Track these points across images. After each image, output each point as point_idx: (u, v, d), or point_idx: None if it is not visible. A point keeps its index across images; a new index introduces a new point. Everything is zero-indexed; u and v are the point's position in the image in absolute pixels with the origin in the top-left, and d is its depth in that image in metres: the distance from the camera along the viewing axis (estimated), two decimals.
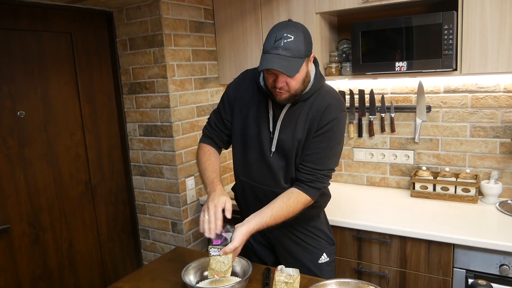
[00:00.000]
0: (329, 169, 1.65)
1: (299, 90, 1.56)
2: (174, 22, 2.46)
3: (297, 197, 1.60)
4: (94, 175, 2.56)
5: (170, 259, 1.84)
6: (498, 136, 2.29)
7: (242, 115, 1.72)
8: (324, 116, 1.59)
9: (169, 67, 2.45)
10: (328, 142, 1.61)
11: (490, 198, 2.25)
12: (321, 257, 1.81)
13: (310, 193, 1.61)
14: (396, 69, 2.13)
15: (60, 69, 2.35)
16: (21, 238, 2.20)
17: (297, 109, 1.63)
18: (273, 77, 1.51)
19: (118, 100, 2.69)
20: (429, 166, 2.51)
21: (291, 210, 1.58)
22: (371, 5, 2.18)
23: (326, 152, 1.62)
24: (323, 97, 1.62)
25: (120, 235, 2.76)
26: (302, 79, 1.53)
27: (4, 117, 2.10)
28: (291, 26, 1.46)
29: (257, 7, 2.53)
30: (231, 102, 1.77)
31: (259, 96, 1.69)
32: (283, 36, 1.43)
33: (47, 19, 2.27)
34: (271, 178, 1.70)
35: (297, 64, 1.45)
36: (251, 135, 1.70)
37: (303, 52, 1.46)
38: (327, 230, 1.87)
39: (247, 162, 1.74)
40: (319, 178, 1.62)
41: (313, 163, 1.61)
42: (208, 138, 1.85)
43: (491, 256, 1.83)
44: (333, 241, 1.88)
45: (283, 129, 1.64)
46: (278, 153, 1.67)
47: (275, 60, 1.42)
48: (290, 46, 1.42)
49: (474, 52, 1.97)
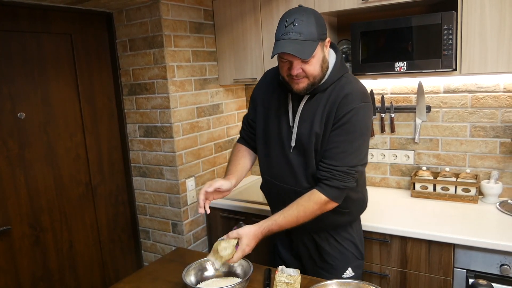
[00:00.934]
0: (350, 166, 1.50)
1: (318, 77, 1.48)
2: (174, 23, 2.46)
3: (310, 196, 1.51)
4: (94, 176, 2.56)
5: (170, 260, 1.84)
6: (498, 136, 2.29)
7: (264, 113, 1.70)
8: (340, 107, 1.49)
9: (169, 68, 2.45)
10: (347, 135, 1.49)
11: (490, 198, 2.25)
12: (345, 272, 1.71)
13: (327, 192, 1.50)
14: (396, 69, 2.14)
15: (60, 70, 2.35)
16: (22, 239, 2.20)
17: (315, 101, 1.55)
18: (287, 64, 1.46)
19: (118, 101, 2.69)
20: (429, 166, 2.51)
21: (301, 209, 1.49)
22: (370, 5, 2.18)
23: (345, 146, 1.49)
24: (342, 87, 1.52)
25: (121, 236, 2.76)
26: (319, 64, 1.46)
27: (4, 119, 2.11)
28: (301, 11, 1.42)
29: (256, 8, 2.53)
30: (254, 102, 1.76)
31: (279, 91, 1.65)
32: (293, 20, 1.39)
33: (47, 21, 2.28)
34: (291, 176, 1.63)
35: (311, 47, 1.39)
36: (272, 131, 1.66)
37: (316, 35, 1.40)
38: (358, 242, 1.76)
39: (269, 160, 1.70)
40: (336, 176, 1.49)
41: (330, 159, 1.50)
42: (241, 138, 1.88)
43: (492, 256, 1.83)
44: (362, 255, 1.77)
45: (302, 123, 1.57)
46: (298, 149, 1.60)
47: (287, 44, 1.37)
48: (301, 29, 1.38)
49: (473, 52, 1.97)
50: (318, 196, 1.50)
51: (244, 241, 1.46)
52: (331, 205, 1.53)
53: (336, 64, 1.55)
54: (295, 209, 1.51)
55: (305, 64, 1.44)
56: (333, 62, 1.55)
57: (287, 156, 1.63)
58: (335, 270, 1.71)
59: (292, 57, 1.41)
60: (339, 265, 1.71)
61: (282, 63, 1.49)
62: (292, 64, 1.44)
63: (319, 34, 1.42)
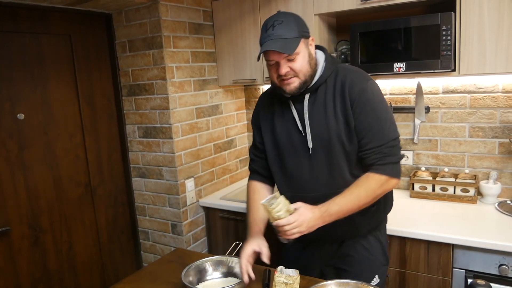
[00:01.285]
0: (393, 139, 1.50)
1: (308, 74, 1.49)
2: (173, 24, 2.47)
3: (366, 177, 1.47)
4: (93, 177, 2.56)
5: (170, 260, 1.85)
6: (497, 136, 2.30)
7: (270, 130, 1.66)
8: (351, 91, 1.49)
9: (168, 69, 2.45)
10: (373, 114, 1.49)
11: (489, 198, 2.26)
12: (373, 279, 1.65)
13: (384, 171, 1.47)
14: (395, 70, 2.14)
15: (60, 71, 2.35)
16: (21, 240, 2.20)
17: (319, 95, 1.54)
18: (275, 66, 1.48)
19: (118, 102, 2.69)
20: (428, 166, 2.52)
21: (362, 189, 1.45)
22: (369, 6, 2.18)
23: (378, 125, 1.48)
24: (343, 74, 1.53)
25: (120, 237, 2.76)
26: (306, 60, 1.47)
27: (3, 120, 2.11)
28: (279, 14, 1.47)
29: (255, 9, 2.54)
30: (257, 126, 1.73)
31: (279, 103, 1.63)
32: (273, 23, 1.43)
33: (47, 22, 2.28)
34: (318, 181, 1.57)
35: (294, 43, 1.42)
36: (283, 144, 1.62)
37: (297, 32, 1.43)
38: (385, 246, 1.71)
39: (288, 175, 1.63)
40: (386, 153, 1.48)
41: (372, 142, 1.48)
42: (253, 173, 1.78)
43: (490, 256, 1.83)
44: (387, 260, 1.71)
45: (314, 123, 1.54)
46: (318, 150, 1.55)
47: (270, 43, 1.41)
48: (281, 29, 1.42)
49: (472, 53, 1.98)
50: (377, 176, 1.47)
51: (301, 210, 1.39)
52: (392, 182, 1.50)
53: (327, 58, 1.57)
54: (354, 189, 1.46)
55: (291, 62, 1.45)
56: (323, 58, 1.57)
57: (307, 162, 1.57)
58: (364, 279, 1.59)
59: (278, 56, 1.43)
60: (366, 274, 1.64)
61: (270, 67, 1.50)
62: (279, 65, 1.46)
63: (300, 32, 1.44)
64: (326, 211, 1.42)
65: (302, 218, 1.37)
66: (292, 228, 1.36)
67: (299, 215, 1.37)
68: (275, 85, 1.57)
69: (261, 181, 1.76)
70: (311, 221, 1.39)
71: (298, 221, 1.36)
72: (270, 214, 1.37)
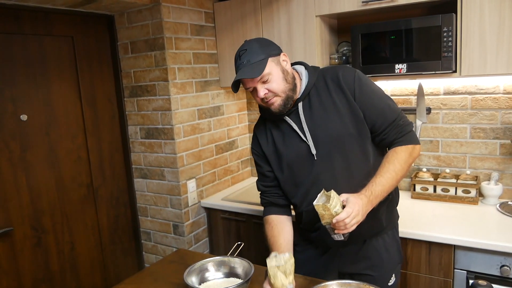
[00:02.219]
0: (400, 112, 1.56)
1: (287, 89, 1.50)
2: (175, 26, 2.48)
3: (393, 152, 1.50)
4: (95, 178, 2.57)
5: (171, 261, 1.85)
6: (498, 137, 2.30)
7: (275, 153, 1.64)
8: (346, 82, 1.52)
9: (170, 70, 2.46)
10: (375, 95, 1.54)
11: (490, 199, 2.26)
12: (390, 279, 1.65)
13: (407, 141, 1.52)
14: (396, 71, 2.14)
15: (62, 72, 2.36)
16: (23, 241, 2.21)
17: (313, 98, 1.56)
18: (255, 92, 1.51)
19: (120, 103, 2.70)
20: (430, 167, 2.52)
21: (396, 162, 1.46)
22: (370, 7, 2.19)
23: (382, 103, 1.53)
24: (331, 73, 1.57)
25: (122, 237, 2.77)
26: (280, 78, 1.49)
27: (6, 121, 2.12)
28: (244, 44, 1.52)
29: (257, 10, 2.55)
30: (260, 155, 1.71)
31: (275, 125, 1.63)
32: (239, 54, 1.49)
33: (49, 23, 2.29)
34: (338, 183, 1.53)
35: (260, 66, 1.45)
36: (292, 160, 1.60)
37: (263, 55, 1.47)
38: (400, 243, 1.72)
39: (302, 189, 1.61)
40: (403, 124, 1.54)
41: (387, 121, 1.52)
42: (267, 206, 1.72)
43: (492, 257, 1.83)
44: (401, 258, 1.72)
45: (315, 126, 1.54)
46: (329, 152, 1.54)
47: (239, 74, 1.46)
48: (247, 57, 1.47)
49: (473, 54, 1.98)
50: (403, 147, 1.51)
51: (351, 199, 1.34)
52: (417, 149, 1.55)
53: (307, 67, 1.62)
54: (389, 165, 1.46)
55: (266, 84, 1.48)
56: (303, 68, 1.62)
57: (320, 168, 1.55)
58: (383, 279, 1.64)
59: (251, 82, 1.47)
60: (385, 274, 1.64)
61: (251, 93, 1.54)
62: (256, 90, 1.49)
63: (266, 53, 1.48)
64: (372, 194, 1.40)
65: (357, 207, 1.33)
66: (352, 219, 1.31)
67: (354, 205, 1.33)
68: (264, 108, 1.58)
69: (278, 213, 1.69)
70: (363, 208, 1.35)
71: (355, 210, 1.32)
72: (327, 212, 1.31)
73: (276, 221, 1.66)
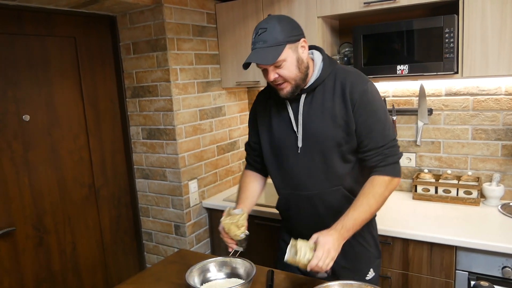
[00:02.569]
0: (392, 140, 1.53)
1: (298, 78, 1.49)
2: (177, 27, 2.48)
3: (371, 182, 1.49)
4: (97, 179, 2.57)
5: (173, 261, 1.85)
6: (500, 138, 2.30)
7: (267, 129, 1.68)
8: (352, 93, 1.50)
9: (172, 71, 2.47)
10: (374, 115, 1.51)
11: (492, 200, 2.26)
12: (368, 273, 1.67)
13: (387, 172, 1.50)
14: (398, 72, 2.15)
15: (64, 73, 2.37)
16: (25, 241, 2.21)
17: (317, 95, 1.55)
18: (265, 72, 1.50)
19: (122, 104, 2.71)
20: (431, 168, 2.52)
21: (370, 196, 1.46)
22: (372, 8, 2.19)
23: (379, 126, 1.51)
24: (342, 75, 1.54)
25: (123, 238, 2.77)
26: (294, 66, 1.46)
27: (8, 121, 2.12)
28: (266, 20, 1.47)
29: (259, 11, 2.55)
30: (254, 124, 1.75)
31: (275, 103, 1.65)
32: (258, 31, 1.45)
33: (51, 24, 2.30)
34: (309, 180, 1.60)
35: (275, 52, 1.42)
36: (280, 143, 1.64)
37: (281, 39, 1.42)
38: (377, 239, 1.73)
39: (284, 173, 1.65)
40: (388, 154, 1.51)
41: (373, 143, 1.51)
42: (248, 164, 1.86)
43: (494, 258, 1.83)
44: (380, 253, 1.74)
45: (308, 121, 1.56)
46: (309, 149, 1.57)
47: (253, 54, 1.44)
48: (265, 37, 1.42)
49: (475, 55, 1.98)
50: (380, 178, 1.50)
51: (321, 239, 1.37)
52: (395, 182, 1.52)
53: (325, 59, 1.58)
54: (363, 199, 1.47)
55: (278, 69, 1.46)
56: (320, 58, 1.58)
57: (301, 160, 1.59)
58: (360, 274, 1.66)
59: (265, 65, 1.45)
60: (361, 268, 1.67)
61: (263, 73, 1.52)
62: (267, 72, 1.48)
63: (285, 37, 1.43)
64: (343, 227, 1.41)
65: (327, 246, 1.34)
66: (324, 261, 1.33)
67: (323, 245, 1.34)
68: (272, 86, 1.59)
69: (257, 172, 1.83)
70: (335, 244, 1.36)
71: (325, 251, 1.33)
72: (300, 263, 1.35)
73: (251, 173, 1.82)
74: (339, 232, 1.39)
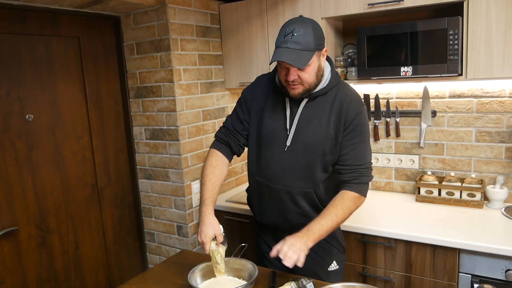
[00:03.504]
0: (369, 162, 1.67)
1: (313, 84, 1.59)
2: (180, 27, 2.48)
3: (342, 195, 1.61)
4: (100, 179, 2.58)
5: (175, 262, 1.85)
6: (504, 141, 2.29)
7: (258, 116, 1.75)
8: (348, 111, 1.62)
9: (176, 71, 2.47)
10: (360, 136, 1.64)
11: (495, 203, 2.25)
12: (331, 265, 1.80)
13: (358, 190, 1.62)
14: (402, 74, 2.14)
15: (68, 73, 2.37)
16: (28, 240, 2.22)
17: (317, 104, 1.65)
18: (285, 71, 1.56)
19: (125, 104, 2.71)
20: (434, 170, 2.51)
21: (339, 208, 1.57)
22: (376, 10, 2.19)
23: (361, 147, 1.65)
24: (343, 93, 1.65)
25: (126, 238, 2.78)
26: (314, 72, 1.56)
27: (12, 121, 2.13)
28: (300, 21, 1.52)
29: (263, 12, 2.55)
30: (248, 104, 1.80)
31: (275, 96, 1.72)
32: (292, 31, 1.49)
33: (56, 24, 2.30)
34: (286, 176, 1.69)
35: (307, 57, 1.49)
36: (266, 134, 1.72)
37: (313, 45, 1.50)
38: (339, 237, 1.85)
39: (262, 162, 1.75)
40: (363, 173, 1.63)
41: (353, 160, 1.63)
42: (221, 143, 1.84)
43: (497, 261, 1.82)
44: (344, 249, 1.87)
45: (303, 125, 1.65)
46: (296, 149, 1.66)
47: (285, 53, 1.48)
48: (299, 39, 1.48)
49: (479, 57, 1.98)
50: (351, 194, 1.61)
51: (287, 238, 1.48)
52: (361, 200, 1.65)
53: (333, 71, 1.69)
54: (332, 209, 1.57)
55: (301, 72, 1.54)
56: (329, 69, 1.68)
57: (282, 157, 1.69)
58: (321, 264, 1.79)
59: (289, 65, 1.51)
60: (324, 260, 1.79)
61: (280, 69, 1.59)
62: (289, 71, 1.54)
63: (315, 45, 1.51)
64: (309, 231, 1.51)
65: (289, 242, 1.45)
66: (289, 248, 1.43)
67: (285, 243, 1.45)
68: (280, 85, 1.67)
69: (225, 154, 1.82)
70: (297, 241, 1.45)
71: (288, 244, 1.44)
72: None
73: (220, 162, 1.79)
74: (305, 234, 1.50)
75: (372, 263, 2.14)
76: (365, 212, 2.30)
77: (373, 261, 2.13)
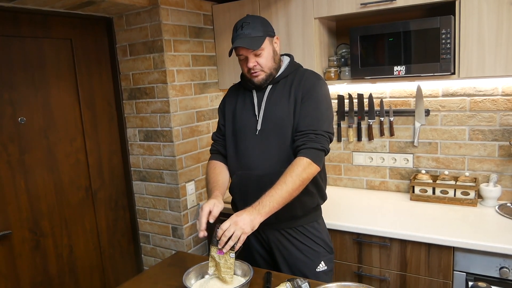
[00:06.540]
0: (324, 130, 1.64)
1: (272, 68, 1.72)
2: (173, 28, 2.48)
3: (292, 163, 1.58)
4: (94, 181, 2.56)
5: (170, 264, 1.85)
6: (497, 139, 2.30)
7: (231, 115, 1.86)
8: (305, 83, 1.71)
9: (169, 72, 2.46)
10: (316, 104, 1.67)
11: (489, 201, 2.26)
12: (319, 265, 1.80)
13: (308, 154, 1.58)
14: (395, 73, 2.15)
15: (61, 75, 2.36)
16: (22, 244, 2.20)
17: (279, 87, 1.76)
18: (245, 61, 1.70)
19: (118, 106, 2.70)
20: (428, 169, 2.52)
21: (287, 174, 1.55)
22: (369, 10, 2.19)
23: (316, 113, 1.67)
24: (302, 72, 1.77)
25: (120, 240, 2.76)
26: (270, 56, 1.70)
27: (5, 124, 2.11)
28: (247, 17, 1.71)
29: (255, 13, 2.55)
30: (223, 111, 1.92)
31: (243, 93, 1.85)
32: (241, 24, 1.68)
33: (48, 26, 2.29)
34: (263, 159, 1.73)
35: (259, 41, 1.65)
36: (240, 126, 1.80)
37: (262, 32, 1.67)
38: (326, 238, 1.86)
39: (240, 153, 1.80)
40: (313, 139, 1.61)
41: (305, 126, 1.65)
42: (215, 153, 1.95)
43: (491, 259, 1.83)
44: (332, 250, 1.87)
45: (270, 107, 1.74)
46: (267, 131, 1.73)
47: (239, 41, 1.66)
48: (248, 29, 1.66)
49: (471, 56, 1.99)
50: (300, 159, 1.59)
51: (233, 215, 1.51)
52: (314, 167, 1.59)
53: (291, 61, 1.82)
54: (282, 178, 1.56)
55: (258, 57, 1.68)
56: (288, 60, 1.82)
57: (257, 142, 1.75)
58: (309, 264, 1.79)
59: (246, 51, 1.66)
60: (312, 260, 1.80)
61: (241, 62, 1.74)
62: (248, 59, 1.68)
63: (264, 31, 1.68)
64: (260, 204, 1.51)
65: (235, 219, 1.47)
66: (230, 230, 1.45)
67: (232, 218, 1.48)
68: (245, 77, 1.79)
69: (222, 162, 1.90)
70: (245, 218, 1.47)
71: (232, 222, 1.47)
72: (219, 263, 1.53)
73: (220, 165, 1.88)
74: (255, 208, 1.50)
75: (368, 262, 2.14)
76: (360, 212, 2.30)
77: (368, 260, 2.14)
